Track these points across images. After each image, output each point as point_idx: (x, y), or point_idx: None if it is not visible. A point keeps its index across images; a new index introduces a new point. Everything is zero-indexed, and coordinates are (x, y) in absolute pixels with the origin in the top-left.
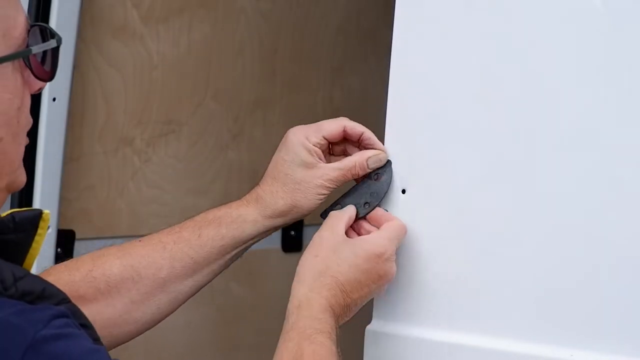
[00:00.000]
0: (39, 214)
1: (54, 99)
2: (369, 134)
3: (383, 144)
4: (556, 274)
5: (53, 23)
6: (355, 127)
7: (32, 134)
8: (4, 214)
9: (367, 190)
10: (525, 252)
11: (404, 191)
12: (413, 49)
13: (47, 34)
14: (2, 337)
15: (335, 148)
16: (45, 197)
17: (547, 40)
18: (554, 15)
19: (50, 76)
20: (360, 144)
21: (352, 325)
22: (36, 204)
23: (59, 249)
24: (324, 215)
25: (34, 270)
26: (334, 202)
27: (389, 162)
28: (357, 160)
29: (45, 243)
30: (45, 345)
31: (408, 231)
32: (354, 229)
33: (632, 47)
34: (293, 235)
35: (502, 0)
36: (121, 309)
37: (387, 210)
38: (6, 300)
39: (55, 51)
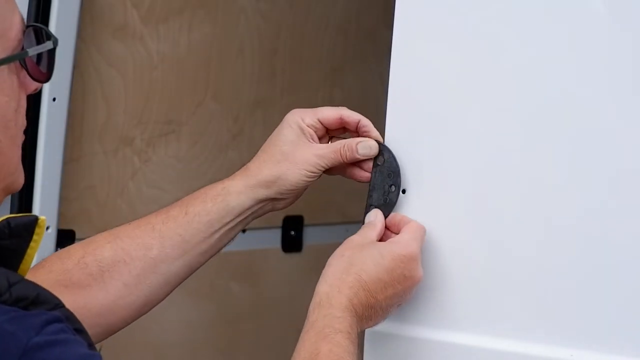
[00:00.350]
0: (34, 220)
1: (54, 99)
2: (365, 122)
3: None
4: (556, 274)
5: (53, 23)
6: (353, 115)
7: (32, 134)
8: None
9: (382, 176)
10: (525, 253)
11: (404, 191)
12: (413, 49)
13: (43, 35)
14: None
15: (334, 135)
16: (45, 197)
17: (548, 39)
18: (555, 15)
19: (46, 77)
20: (358, 133)
21: None
22: (36, 204)
23: (59, 249)
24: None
25: None
26: (365, 207)
27: (381, 144)
28: (346, 142)
29: (45, 243)
30: (39, 352)
31: None
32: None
33: (634, 46)
34: (293, 235)
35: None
36: (115, 294)
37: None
38: (0, 306)
39: (52, 52)
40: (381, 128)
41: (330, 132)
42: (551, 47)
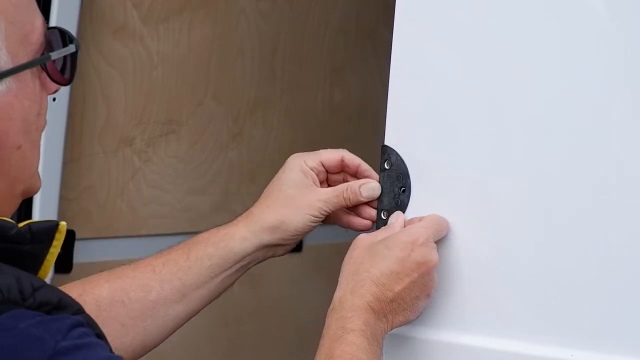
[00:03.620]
0: (55, 225)
1: (54, 99)
2: (365, 166)
3: (383, 144)
4: (556, 274)
5: (53, 23)
6: (354, 159)
7: None
8: (21, 225)
9: (391, 180)
10: (526, 253)
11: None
12: (413, 49)
13: (66, 38)
14: (24, 349)
15: (333, 178)
16: (45, 197)
17: (548, 39)
18: (555, 15)
19: (68, 80)
20: (357, 176)
21: None
22: (36, 204)
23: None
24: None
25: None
26: (377, 213)
27: (384, 149)
28: (350, 184)
29: None
30: (65, 356)
31: None
32: None
33: (635, 46)
34: None
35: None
36: (111, 334)
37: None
38: (25, 311)
39: (74, 56)
40: (381, 128)
41: (330, 176)
42: (552, 47)
